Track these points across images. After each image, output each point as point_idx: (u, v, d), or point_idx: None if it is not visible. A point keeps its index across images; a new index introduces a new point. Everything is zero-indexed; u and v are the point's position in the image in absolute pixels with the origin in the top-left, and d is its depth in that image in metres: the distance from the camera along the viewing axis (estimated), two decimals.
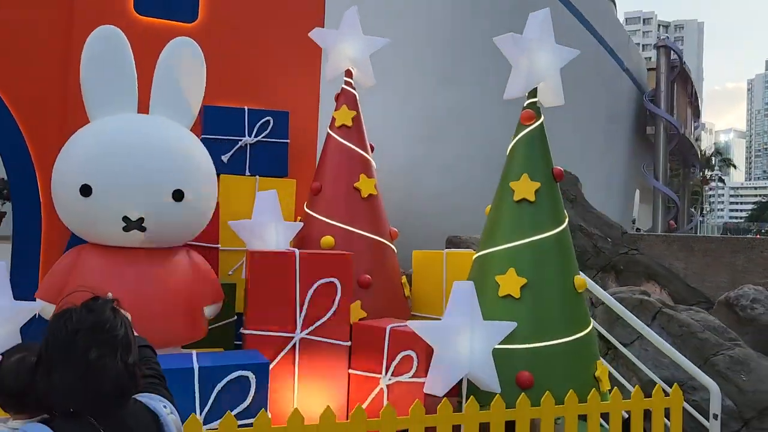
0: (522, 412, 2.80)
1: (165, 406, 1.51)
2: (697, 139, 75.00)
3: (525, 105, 3.43)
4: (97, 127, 2.93)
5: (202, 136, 4.15)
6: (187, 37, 3.27)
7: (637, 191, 22.25)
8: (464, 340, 2.82)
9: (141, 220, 2.79)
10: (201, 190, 3.01)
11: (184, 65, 3.19)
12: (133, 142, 2.85)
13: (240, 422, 2.41)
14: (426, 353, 2.88)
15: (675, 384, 3.18)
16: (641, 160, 20.71)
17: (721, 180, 76.29)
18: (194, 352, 2.81)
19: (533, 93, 3.42)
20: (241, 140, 4.24)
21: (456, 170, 11.49)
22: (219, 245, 3.76)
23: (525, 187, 3.25)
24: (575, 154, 15.82)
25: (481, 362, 2.84)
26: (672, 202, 19.73)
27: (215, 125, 4.19)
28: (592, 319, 3.33)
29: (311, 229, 3.79)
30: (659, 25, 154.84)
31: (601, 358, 3.29)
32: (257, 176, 4.23)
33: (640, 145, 20.88)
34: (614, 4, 18.85)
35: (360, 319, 3.36)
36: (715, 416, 3.13)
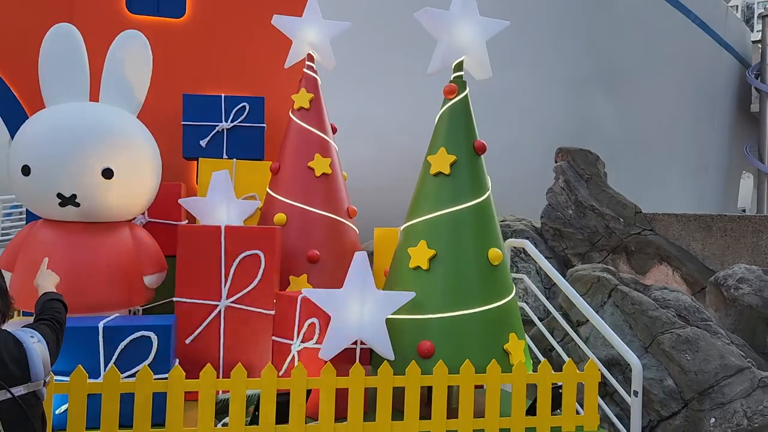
0: (412, 380, 2.85)
1: (32, 336, 1.90)
2: None
3: (451, 79, 3.43)
4: (44, 113, 3.30)
5: (183, 123, 4.50)
6: (135, 30, 3.57)
7: (750, 176, 20.54)
8: (356, 308, 2.92)
9: (74, 196, 3.13)
10: (134, 169, 3.30)
11: (132, 56, 3.49)
12: (69, 125, 3.18)
13: None
14: (327, 321, 3.00)
15: (590, 360, 3.08)
16: (747, 140, 19.14)
17: None
18: (116, 314, 3.14)
19: (459, 66, 3.41)
20: (218, 125, 4.53)
21: None
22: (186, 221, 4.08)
23: (441, 161, 3.26)
24: (659, 135, 14.99)
25: (373, 330, 2.93)
26: None
27: (194, 112, 4.51)
28: (515, 293, 3.29)
29: (271, 207, 4.02)
30: None
31: (522, 333, 3.24)
32: (234, 159, 4.51)
33: (745, 125, 19.30)
34: None
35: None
36: (635, 393, 3.00)
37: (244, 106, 4.57)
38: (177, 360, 3.08)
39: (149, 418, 2.66)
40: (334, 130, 4.30)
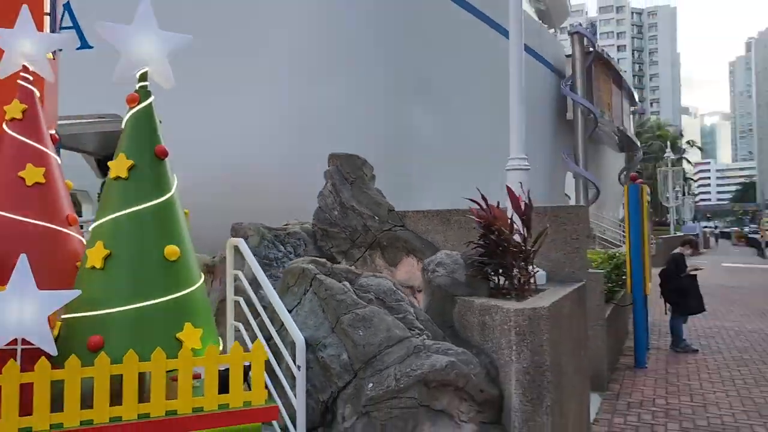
0: (72, 372, 3.00)
1: None
2: (643, 124, 74.89)
3: (135, 89, 3.64)
4: None
5: None
6: None
7: (570, 174, 22.50)
8: (14, 307, 3.03)
9: None
10: None
11: None
12: None
13: None
14: None
15: (257, 340, 3.39)
16: (564, 145, 20.95)
17: (688, 162, 76.74)
18: None
19: (143, 77, 3.62)
20: None
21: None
22: None
23: (119, 166, 3.45)
24: (481, 143, 16.10)
25: (33, 328, 3.05)
26: (594, 186, 19.97)
27: None
28: (198, 286, 3.53)
29: None
30: (632, 13, 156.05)
31: (204, 321, 3.48)
32: None
33: (563, 131, 21.12)
34: None
35: None
36: (299, 367, 3.34)
37: None
38: None
39: None
40: (54, 141, 4.36)
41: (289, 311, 4.11)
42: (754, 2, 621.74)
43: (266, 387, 3.39)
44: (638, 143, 30.89)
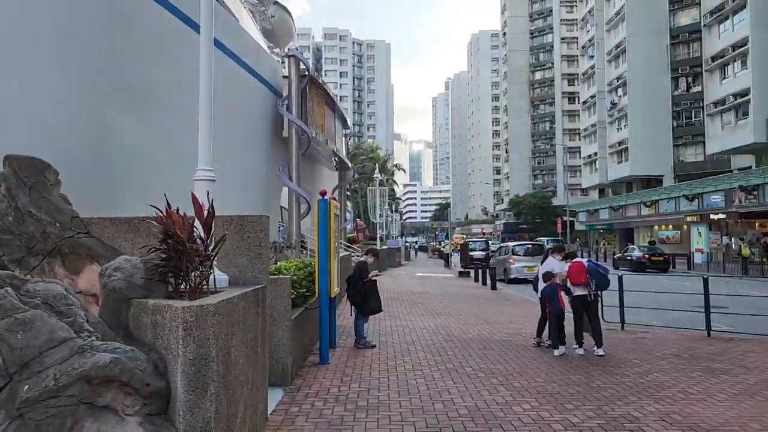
0: None
1: None
2: (359, 146, 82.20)
3: None
4: None
5: None
6: None
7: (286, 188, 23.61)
8: None
9: None
10: None
11: None
12: None
13: None
14: None
15: None
16: (280, 161, 21.94)
17: (395, 183, 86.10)
18: None
19: None
20: None
21: None
22: None
23: None
24: (220, 153, 16.19)
25: None
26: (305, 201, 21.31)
27: None
28: None
29: None
30: (353, 43, 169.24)
31: None
32: None
33: (281, 148, 22.13)
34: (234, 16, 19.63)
35: None
36: None
37: None
38: None
39: None
40: None
41: None
42: (453, 48, 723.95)
43: None
44: (349, 163, 33.73)
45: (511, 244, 35.20)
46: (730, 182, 44.74)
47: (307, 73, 21.80)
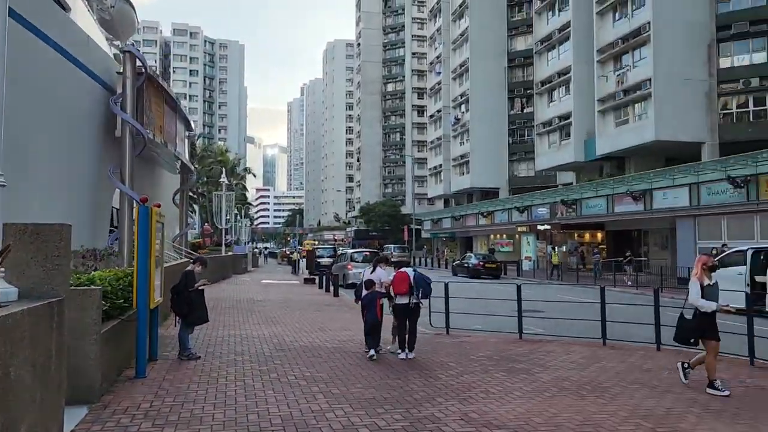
0: None
1: None
2: (207, 148, 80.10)
3: None
4: None
5: None
6: None
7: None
8: None
9: None
10: None
11: None
12: None
13: None
14: None
15: None
16: (113, 162, 20.65)
17: (244, 188, 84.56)
18: None
19: None
20: None
21: None
22: None
23: None
24: (38, 153, 14.89)
25: None
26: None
27: None
28: None
29: None
30: (205, 41, 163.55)
31: None
32: None
33: (114, 148, 20.81)
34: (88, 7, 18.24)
35: None
36: None
37: None
38: None
39: None
40: None
41: None
42: (310, 56, 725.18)
43: None
44: (192, 167, 32.49)
45: (349, 251, 36.39)
46: (554, 196, 49.43)
47: (144, 70, 20.76)
